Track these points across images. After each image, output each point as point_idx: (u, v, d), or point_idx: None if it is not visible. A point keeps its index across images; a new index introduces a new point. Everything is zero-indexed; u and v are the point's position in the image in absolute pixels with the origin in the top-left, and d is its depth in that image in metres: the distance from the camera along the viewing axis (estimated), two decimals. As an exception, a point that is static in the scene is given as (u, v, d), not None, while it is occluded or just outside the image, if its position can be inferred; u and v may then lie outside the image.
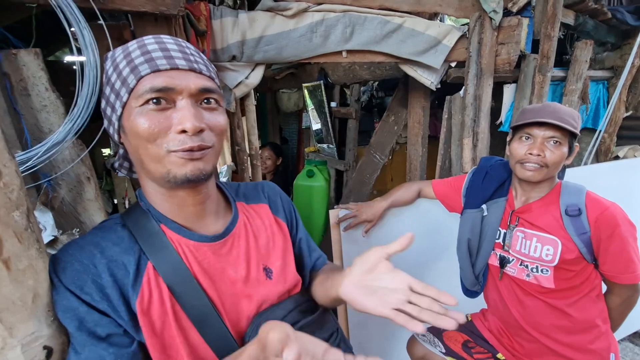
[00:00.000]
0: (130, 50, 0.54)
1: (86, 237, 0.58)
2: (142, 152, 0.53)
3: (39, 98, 0.79)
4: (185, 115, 0.52)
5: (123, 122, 0.55)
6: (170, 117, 0.52)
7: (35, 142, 0.79)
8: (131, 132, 0.53)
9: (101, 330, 0.52)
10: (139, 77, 0.52)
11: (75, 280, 0.53)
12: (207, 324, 0.58)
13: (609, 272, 1.05)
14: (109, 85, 0.55)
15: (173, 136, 0.52)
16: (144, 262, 0.57)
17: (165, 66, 0.53)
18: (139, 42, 0.56)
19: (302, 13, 1.28)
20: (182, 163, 0.53)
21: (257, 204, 0.74)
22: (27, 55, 0.77)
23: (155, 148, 0.52)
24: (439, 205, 1.51)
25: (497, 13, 1.52)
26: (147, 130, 0.51)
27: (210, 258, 0.61)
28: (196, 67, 0.55)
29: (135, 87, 0.52)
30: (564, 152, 1.05)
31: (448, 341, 1.39)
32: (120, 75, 0.53)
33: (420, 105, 2.00)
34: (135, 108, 0.52)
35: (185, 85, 0.53)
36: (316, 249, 0.83)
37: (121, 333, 0.54)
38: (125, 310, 0.54)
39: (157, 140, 0.52)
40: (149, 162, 0.54)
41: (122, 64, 0.53)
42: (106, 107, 0.57)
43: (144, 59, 0.52)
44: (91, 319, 0.52)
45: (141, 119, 0.51)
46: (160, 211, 0.60)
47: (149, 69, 0.52)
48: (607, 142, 2.38)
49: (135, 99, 0.52)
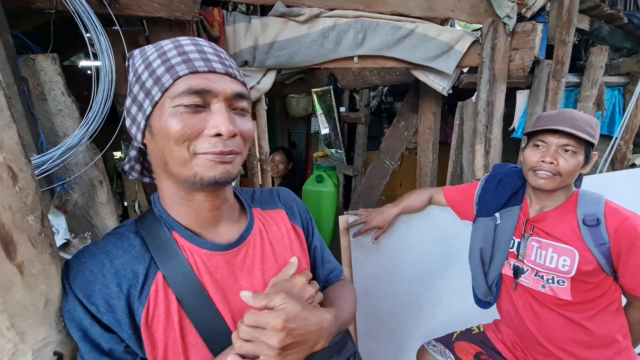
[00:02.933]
0: (165, 50, 0.53)
1: (99, 243, 0.57)
2: (168, 154, 0.52)
3: (55, 102, 0.80)
4: (221, 119, 0.51)
5: (152, 122, 0.53)
6: (204, 119, 0.51)
7: (50, 146, 0.80)
8: (161, 132, 0.51)
9: (105, 344, 0.52)
10: (176, 77, 0.50)
11: (84, 290, 0.52)
12: (216, 338, 0.56)
13: (629, 284, 1.01)
14: (138, 83, 0.53)
15: (204, 139, 0.51)
16: (154, 271, 0.55)
17: (203, 68, 0.52)
18: (174, 42, 0.54)
19: (314, 19, 1.28)
20: (212, 166, 0.52)
21: (273, 209, 0.72)
22: (44, 60, 0.78)
23: (181, 150, 0.51)
24: (449, 213, 1.49)
25: (511, 18, 1.50)
26: (179, 131, 0.50)
27: (223, 268, 0.59)
28: (231, 72, 0.55)
29: (171, 87, 0.51)
30: (579, 161, 1.01)
31: (459, 352, 1.36)
32: (154, 73, 0.51)
33: (431, 110, 1.98)
34: (169, 108, 0.51)
35: (222, 89, 0.52)
36: (330, 260, 0.80)
37: (122, 349, 0.52)
38: (129, 323, 0.52)
39: (185, 143, 0.51)
40: (173, 165, 0.52)
41: (156, 62, 0.52)
42: (131, 106, 0.55)
43: (181, 59, 0.51)
44: (95, 332, 0.51)
45: (174, 120, 0.50)
46: (174, 217, 0.59)
47: (187, 69, 0.51)
48: (623, 150, 2.32)
49: (170, 99, 0.51)
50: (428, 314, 1.66)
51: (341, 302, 0.70)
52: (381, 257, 1.57)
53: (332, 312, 0.59)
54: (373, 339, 1.60)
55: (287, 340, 0.50)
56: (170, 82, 0.50)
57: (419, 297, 1.64)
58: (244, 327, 0.50)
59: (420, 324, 1.66)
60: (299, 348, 0.52)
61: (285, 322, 0.49)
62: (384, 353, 1.64)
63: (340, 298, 0.72)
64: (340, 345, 0.66)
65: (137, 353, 0.53)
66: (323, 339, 0.56)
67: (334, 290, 0.76)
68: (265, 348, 0.49)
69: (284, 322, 0.49)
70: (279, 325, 0.49)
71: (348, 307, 0.72)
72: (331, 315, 0.58)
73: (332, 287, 0.77)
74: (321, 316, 0.56)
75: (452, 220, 1.51)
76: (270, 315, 0.50)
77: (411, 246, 1.60)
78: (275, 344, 0.49)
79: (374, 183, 2.26)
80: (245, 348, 0.50)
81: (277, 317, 0.49)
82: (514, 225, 1.18)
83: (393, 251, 1.58)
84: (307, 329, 0.52)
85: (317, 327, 0.54)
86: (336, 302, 0.69)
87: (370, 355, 1.61)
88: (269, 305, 0.52)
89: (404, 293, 1.62)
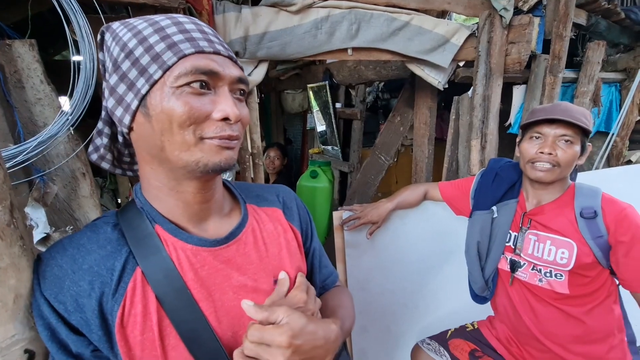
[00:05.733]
0: (162, 25, 0.49)
1: (73, 237, 0.53)
2: (167, 138, 0.48)
3: (34, 91, 0.76)
4: (228, 103, 0.49)
5: (149, 102, 0.48)
6: (210, 102, 0.49)
7: (29, 136, 0.77)
8: (161, 114, 0.47)
9: (72, 346, 0.48)
10: (181, 55, 0.47)
11: (52, 287, 0.49)
12: (198, 341, 0.52)
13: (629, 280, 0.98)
14: (129, 58, 0.48)
15: (211, 123, 0.48)
16: (132, 268, 0.51)
17: (208, 49, 0.49)
18: (172, 18, 0.50)
19: (306, 9, 1.25)
20: (218, 151, 0.49)
21: (269, 207, 0.68)
22: (22, 46, 0.74)
23: (186, 134, 0.47)
24: (445, 208, 1.47)
25: (508, 11, 1.47)
26: (185, 113, 0.46)
27: (210, 265, 0.55)
28: (233, 56, 0.53)
29: (174, 65, 0.47)
30: (576, 151, 1.01)
31: (454, 350, 1.34)
32: (151, 49, 0.47)
33: (427, 105, 1.96)
34: (171, 88, 0.47)
35: (228, 72, 0.50)
36: (327, 265, 0.77)
37: (90, 353, 0.49)
38: (99, 324, 0.49)
39: (191, 126, 0.47)
40: (172, 150, 0.48)
41: (153, 37, 0.47)
42: (118, 84, 0.49)
43: (183, 37, 0.48)
44: (62, 332, 0.48)
45: (178, 102, 0.47)
46: (158, 209, 0.55)
47: (192, 48, 0.47)
48: (620, 146, 2.32)
49: (174, 79, 0.47)
50: (423, 311, 1.64)
51: (343, 311, 0.68)
52: (376, 254, 1.55)
53: (337, 324, 0.56)
54: (367, 336, 1.58)
55: (293, 358, 0.47)
56: (174, 59, 0.46)
57: (413, 293, 1.62)
58: (248, 344, 0.47)
59: (415, 321, 1.65)
60: None
61: (291, 338, 0.46)
62: (379, 350, 1.62)
63: (341, 307, 0.69)
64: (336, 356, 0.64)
65: (108, 357, 0.50)
66: (331, 352, 0.53)
67: (333, 298, 0.73)
68: None
69: (290, 338, 0.46)
70: (285, 342, 0.46)
71: (349, 316, 0.69)
72: (337, 327, 0.55)
73: (330, 293, 0.74)
74: (328, 329, 0.53)
75: (448, 216, 1.49)
76: (276, 331, 0.47)
77: (406, 242, 1.58)
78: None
79: (369, 179, 2.24)
80: None
81: (282, 334, 0.46)
82: (511, 218, 1.17)
83: (388, 247, 1.56)
84: (314, 344, 0.49)
85: (324, 342, 0.51)
86: (338, 311, 0.67)
87: (365, 352, 1.60)
88: (270, 318, 0.48)
89: (399, 290, 1.60)
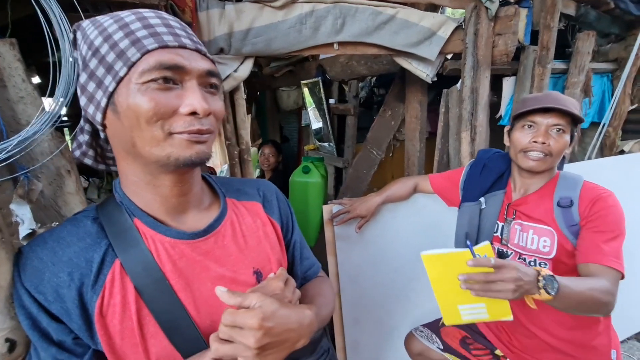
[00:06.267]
0: (127, 22, 0.49)
1: (54, 230, 0.55)
2: (137, 134, 0.49)
3: (16, 89, 0.78)
4: (196, 97, 0.49)
5: (117, 100, 0.49)
6: (177, 97, 0.49)
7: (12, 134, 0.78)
8: (128, 111, 0.48)
9: (53, 334, 0.50)
10: (144, 51, 0.47)
11: (32, 278, 0.51)
12: (177, 330, 0.54)
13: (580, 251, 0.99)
14: (95, 57, 0.49)
15: (178, 117, 0.49)
16: (111, 260, 0.53)
17: (173, 43, 0.49)
18: (136, 13, 0.51)
19: (290, 4, 1.26)
20: (187, 145, 0.50)
21: (249, 201, 0.69)
22: (2, 45, 0.75)
23: (154, 130, 0.48)
24: (435, 201, 1.48)
25: (493, 3, 1.48)
26: (151, 110, 0.47)
27: (188, 257, 0.57)
28: (201, 49, 0.53)
29: (139, 61, 0.48)
30: (567, 141, 1.03)
31: (446, 337, 1.37)
32: (116, 46, 0.48)
33: (417, 99, 1.97)
34: (136, 85, 0.48)
35: (195, 66, 0.50)
36: (309, 257, 0.79)
37: (71, 340, 0.51)
38: (79, 313, 0.50)
39: (158, 122, 0.48)
40: (143, 145, 0.49)
41: (118, 34, 0.48)
42: (87, 82, 0.50)
43: (147, 32, 0.48)
44: (43, 320, 0.50)
45: (144, 97, 0.47)
46: (136, 204, 0.56)
47: (156, 43, 0.48)
48: (612, 136, 2.32)
49: (139, 75, 0.47)
50: (415, 302, 1.66)
51: (320, 299, 0.69)
52: (367, 247, 1.56)
53: (312, 309, 0.58)
54: (360, 328, 1.60)
55: (264, 340, 0.48)
56: (137, 56, 0.47)
57: (405, 285, 1.64)
58: (222, 327, 0.49)
59: (407, 312, 1.66)
60: (278, 347, 0.51)
61: (262, 320, 0.47)
62: (371, 342, 1.64)
63: (319, 295, 0.71)
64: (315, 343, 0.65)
65: (88, 345, 0.52)
66: (304, 336, 0.54)
67: (313, 287, 0.75)
68: (243, 349, 0.48)
69: (260, 320, 0.47)
70: (255, 324, 0.47)
71: (327, 304, 0.71)
72: (312, 312, 0.57)
73: (310, 283, 0.76)
74: (301, 313, 0.55)
75: (438, 209, 1.50)
76: (247, 314, 0.48)
77: (397, 235, 1.60)
78: (252, 343, 0.47)
79: (361, 173, 2.25)
80: (222, 350, 0.48)
81: (253, 317, 0.47)
82: (498, 209, 1.19)
83: (378, 240, 1.57)
84: (286, 327, 0.51)
85: (297, 325, 0.53)
86: (316, 298, 0.68)
87: (358, 344, 1.61)
88: (243, 303, 0.50)
89: (390, 282, 1.62)
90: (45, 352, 0.50)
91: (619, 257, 0.93)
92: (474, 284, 0.78)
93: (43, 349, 0.50)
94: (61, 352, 0.50)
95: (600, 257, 0.92)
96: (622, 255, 0.94)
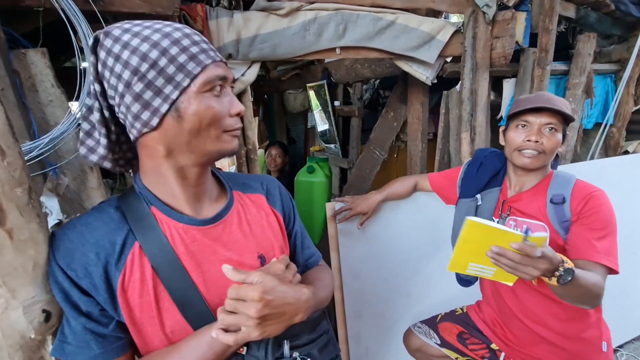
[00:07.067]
0: (176, 37, 0.56)
1: (82, 217, 0.63)
2: (196, 135, 0.58)
3: (46, 93, 0.87)
4: (237, 101, 0.62)
5: (180, 106, 0.57)
6: (226, 102, 0.61)
7: (42, 134, 0.87)
8: (194, 116, 0.57)
9: (83, 306, 0.58)
10: (203, 66, 0.57)
11: (64, 257, 0.58)
12: (189, 305, 0.60)
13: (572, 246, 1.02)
14: (154, 69, 0.55)
15: (229, 118, 0.61)
16: (131, 242, 0.60)
17: (217, 58, 0.60)
18: (179, 29, 0.58)
19: (294, 12, 1.33)
20: (231, 140, 0.62)
21: (253, 194, 0.76)
22: (35, 54, 0.84)
23: (212, 130, 0.59)
24: (435, 199, 1.53)
25: (490, 7, 1.53)
26: (217, 113, 0.58)
27: (199, 241, 0.63)
28: (224, 60, 0.63)
29: (200, 74, 0.57)
30: (559, 139, 1.08)
31: (443, 333, 1.40)
32: (175, 60, 0.55)
33: (419, 101, 2.02)
34: (199, 94, 0.57)
35: (230, 75, 0.62)
36: (310, 247, 0.84)
37: (98, 312, 0.58)
38: (105, 288, 0.57)
39: (219, 122, 0.59)
40: (200, 143, 0.59)
41: (174, 49, 0.55)
42: (144, 91, 0.55)
43: (198, 49, 0.57)
44: (74, 294, 0.57)
45: (211, 103, 0.58)
46: (156, 194, 0.63)
47: (209, 59, 0.58)
48: (616, 137, 2.33)
49: (202, 85, 0.57)
50: (416, 297, 1.70)
51: (318, 282, 0.75)
52: (369, 243, 1.62)
53: (310, 289, 0.64)
54: (362, 321, 1.65)
55: (264, 311, 0.54)
56: (198, 69, 0.56)
57: (407, 281, 1.68)
58: (227, 300, 0.56)
59: (408, 307, 1.71)
60: (277, 319, 0.57)
61: (262, 293, 0.54)
62: (373, 334, 1.69)
63: (318, 279, 0.77)
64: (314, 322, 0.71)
65: (113, 317, 0.59)
66: (302, 311, 0.60)
67: (313, 273, 0.81)
68: (245, 319, 0.54)
69: (261, 293, 0.54)
70: (256, 296, 0.53)
71: (325, 287, 0.77)
72: (309, 291, 0.63)
73: (311, 271, 0.83)
74: (299, 290, 0.61)
75: (439, 207, 1.55)
76: (249, 287, 0.55)
77: (398, 232, 1.65)
78: (253, 313, 0.53)
79: (364, 173, 2.30)
80: (227, 320, 0.55)
81: (255, 290, 0.54)
82: (494, 206, 1.23)
83: (381, 237, 1.63)
84: (284, 300, 0.57)
85: (295, 300, 0.59)
86: (314, 282, 0.74)
87: (360, 336, 1.67)
88: (246, 280, 0.57)
89: (392, 277, 1.67)
90: (76, 321, 0.58)
91: (609, 253, 0.97)
92: (504, 258, 0.80)
93: (74, 319, 0.58)
94: (89, 321, 0.58)
95: (591, 254, 0.97)
96: (614, 251, 0.98)
